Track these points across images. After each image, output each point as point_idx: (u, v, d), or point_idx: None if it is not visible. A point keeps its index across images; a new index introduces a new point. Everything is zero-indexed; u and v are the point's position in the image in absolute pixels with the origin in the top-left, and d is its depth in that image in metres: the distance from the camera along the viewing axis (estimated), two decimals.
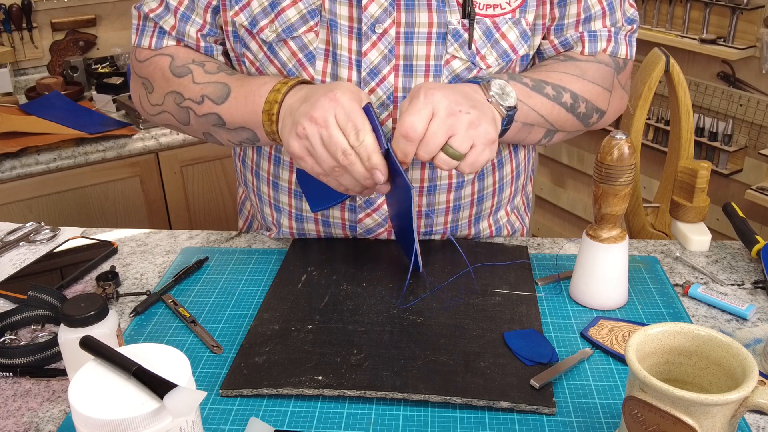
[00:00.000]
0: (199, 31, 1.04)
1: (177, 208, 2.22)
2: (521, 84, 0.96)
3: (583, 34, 1.03)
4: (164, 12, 1.04)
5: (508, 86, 0.91)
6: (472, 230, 1.14)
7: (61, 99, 2.22)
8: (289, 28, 0.96)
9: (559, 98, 0.99)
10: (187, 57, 1.04)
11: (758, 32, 2.07)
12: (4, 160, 1.94)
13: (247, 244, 1.14)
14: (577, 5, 1.01)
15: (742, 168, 2.21)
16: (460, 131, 0.83)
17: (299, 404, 0.79)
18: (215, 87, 0.99)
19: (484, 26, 0.97)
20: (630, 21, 1.06)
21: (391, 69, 0.97)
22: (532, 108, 0.97)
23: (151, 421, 0.60)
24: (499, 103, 0.90)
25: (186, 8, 1.03)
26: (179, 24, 1.04)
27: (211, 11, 1.02)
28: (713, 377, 0.67)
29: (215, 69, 1.01)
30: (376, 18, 0.94)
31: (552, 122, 1.00)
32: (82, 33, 2.49)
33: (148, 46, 1.06)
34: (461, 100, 0.85)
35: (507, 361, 0.83)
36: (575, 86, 1.00)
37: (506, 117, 0.91)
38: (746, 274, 1.03)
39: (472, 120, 0.84)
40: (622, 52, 1.05)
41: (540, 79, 0.99)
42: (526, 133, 1.00)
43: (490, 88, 0.90)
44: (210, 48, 1.06)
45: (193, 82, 1.01)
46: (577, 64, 1.02)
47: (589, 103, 1.02)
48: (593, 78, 1.02)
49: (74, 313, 0.75)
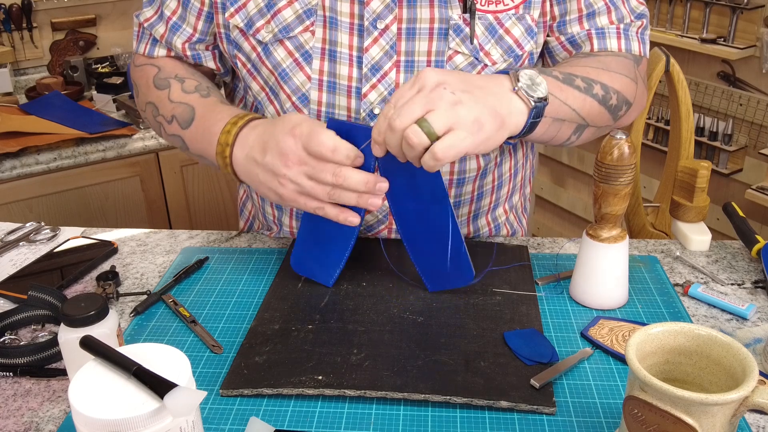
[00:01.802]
0: (187, 42, 1.06)
1: (177, 207, 2.22)
2: (551, 77, 0.90)
3: (591, 32, 1.01)
4: (157, 21, 1.07)
5: (538, 77, 0.84)
6: (471, 228, 1.14)
7: (61, 99, 2.22)
8: (285, 29, 0.97)
9: (590, 90, 0.93)
10: (172, 71, 1.06)
11: (758, 32, 2.07)
12: (4, 160, 1.94)
13: (248, 243, 1.14)
14: (576, 1, 1.00)
15: (742, 168, 2.21)
16: (439, 108, 0.77)
17: (299, 404, 0.79)
18: (184, 109, 1.01)
19: (487, 22, 0.97)
20: (639, 16, 1.04)
21: (393, 65, 0.97)
22: (564, 102, 0.90)
23: (152, 421, 0.60)
24: (528, 94, 0.83)
25: (178, 18, 1.05)
26: (169, 34, 1.06)
27: (204, 18, 1.04)
28: (713, 377, 0.67)
29: (192, 88, 1.03)
30: (378, 14, 0.95)
31: (584, 116, 0.94)
32: (82, 33, 2.49)
33: (143, 53, 1.10)
34: (455, 81, 0.80)
35: (507, 360, 0.83)
36: (604, 77, 0.95)
37: (534, 108, 0.83)
38: (746, 274, 1.03)
39: (457, 101, 0.78)
40: (635, 49, 1.03)
41: (568, 72, 0.93)
42: (555, 130, 0.93)
43: (519, 77, 0.84)
44: (198, 56, 1.08)
45: (168, 99, 1.03)
46: (598, 58, 0.99)
47: (620, 94, 0.97)
48: (618, 69, 0.98)
49: (74, 313, 0.75)
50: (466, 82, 0.81)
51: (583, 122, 0.95)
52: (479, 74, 0.87)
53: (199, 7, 1.03)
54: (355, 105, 0.98)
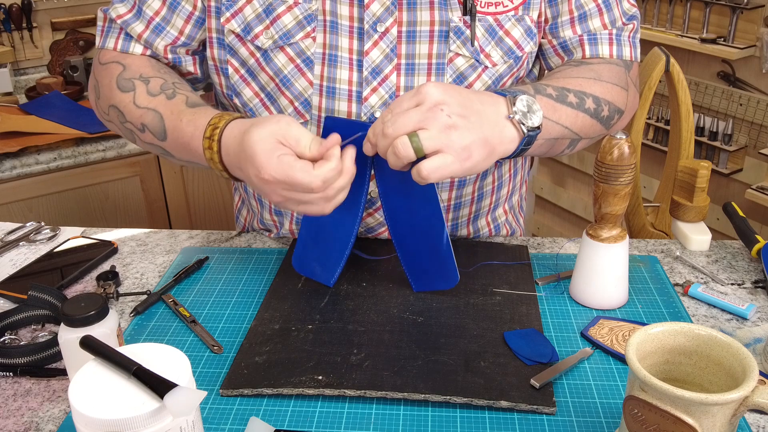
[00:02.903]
0: (170, 45, 1.02)
1: (177, 207, 2.22)
2: (546, 96, 0.90)
3: (582, 37, 1.02)
4: (133, 19, 1.02)
5: (535, 104, 0.84)
6: (471, 229, 1.14)
7: (61, 99, 2.22)
8: (285, 35, 0.96)
9: (582, 105, 0.94)
10: (138, 70, 1.00)
11: (758, 32, 2.07)
12: (4, 160, 1.94)
13: (247, 243, 1.14)
14: (567, 3, 1.00)
15: (742, 167, 2.21)
16: (432, 128, 0.77)
17: (299, 404, 0.79)
18: (153, 117, 0.95)
19: (487, 24, 0.97)
20: (631, 18, 1.04)
21: (393, 68, 0.97)
22: (557, 122, 0.91)
23: (152, 421, 0.60)
24: (521, 122, 0.83)
25: (162, 19, 1.01)
26: (149, 34, 1.02)
27: (193, 22, 1.01)
28: (713, 377, 0.67)
29: (157, 89, 0.97)
30: (377, 17, 0.94)
31: (577, 131, 0.95)
32: (82, 33, 2.49)
33: (114, 47, 1.04)
34: (455, 103, 0.79)
35: (507, 360, 0.83)
36: (596, 89, 0.96)
37: (526, 137, 0.84)
38: (746, 274, 1.03)
39: (452, 125, 0.78)
40: (627, 55, 1.03)
41: (561, 86, 0.93)
42: (548, 147, 0.94)
43: (515, 103, 0.84)
44: (178, 59, 1.04)
45: (133, 104, 0.97)
46: (591, 67, 0.99)
47: (611, 104, 0.98)
48: (609, 78, 0.99)
49: (74, 313, 0.75)
50: (465, 106, 0.80)
51: (576, 137, 0.96)
52: (480, 92, 0.85)
53: (189, 10, 1.00)
54: (356, 109, 0.98)
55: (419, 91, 0.80)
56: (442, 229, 0.89)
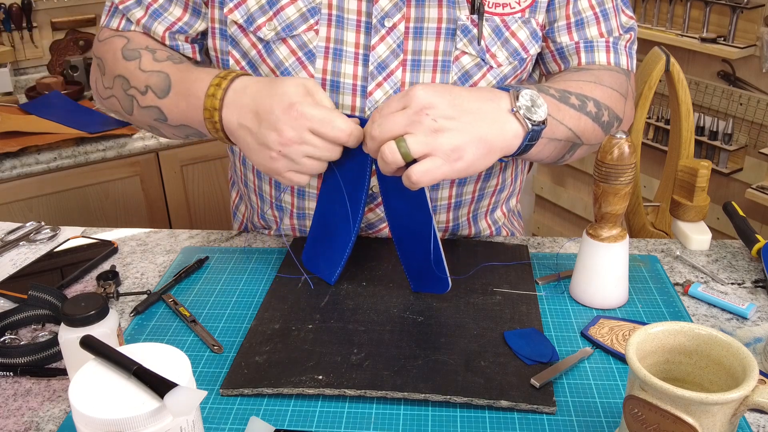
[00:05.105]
0: (168, 30, 1.02)
1: (177, 207, 2.22)
2: (549, 95, 0.89)
3: (579, 44, 1.02)
4: (134, 5, 1.03)
5: (539, 98, 0.83)
6: (473, 229, 1.14)
7: (61, 98, 2.21)
8: (288, 27, 0.96)
9: (584, 108, 0.93)
10: (143, 42, 1.01)
11: (758, 31, 2.07)
12: (4, 159, 1.94)
13: (247, 243, 1.14)
14: (565, 8, 1.00)
15: (743, 167, 2.21)
16: (417, 133, 0.77)
17: (299, 403, 0.79)
18: (158, 78, 0.95)
19: (494, 24, 0.97)
20: (628, 30, 1.05)
21: (399, 64, 0.97)
22: (561, 122, 0.90)
23: (152, 421, 0.60)
24: (525, 116, 0.82)
25: (160, 6, 1.02)
26: (147, 20, 1.02)
27: (190, 10, 1.01)
28: (713, 376, 0.67)
29: (164, 57, 0.98)
30: (386, 12, 0.95)
31: (579, 135, 0.93)
32: (82, 32, 2.49)
33: (116, 27, 1.05)
34: (443, 106, 0.79)
35: (507, 360, 0.83)
36: (597, 93, 0.95)
37: (531, 132, 0.83)
38: (746, 273, 1.03)
39: (438, 128, 0.77)
40: (623, 63, 1.04)
41: (563, 89, 0.93)
42: (551, 149, 0.92)
43: (518, 97, 0.82)
44: (177, 46, 1.04)
45: (139, 69, 0.97)
46: (591, 72, 0.99)
47: (611, 110, 0.97)
48: (610, 83, 0.98)
49: (74, 313, 0.75)
50: (455, 106, 0.80)
51: (578, 141, 0.95)
52: (479, 89, 0.84)
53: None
54: (360, 103, 0.98)
55: (407, 94, 0.80)
56: (430, 236, 0.89)
